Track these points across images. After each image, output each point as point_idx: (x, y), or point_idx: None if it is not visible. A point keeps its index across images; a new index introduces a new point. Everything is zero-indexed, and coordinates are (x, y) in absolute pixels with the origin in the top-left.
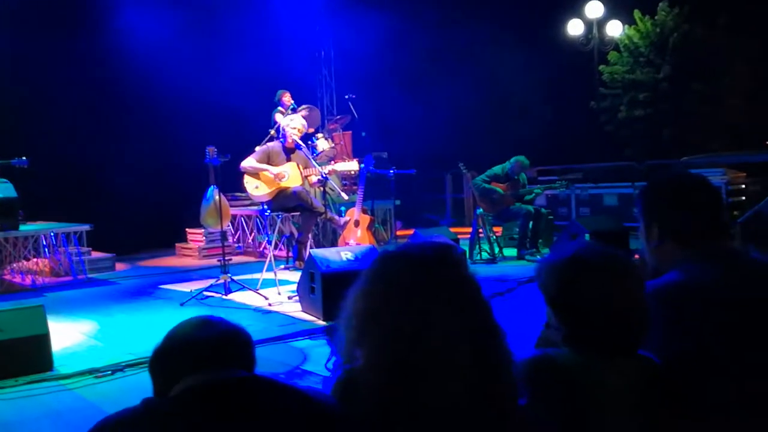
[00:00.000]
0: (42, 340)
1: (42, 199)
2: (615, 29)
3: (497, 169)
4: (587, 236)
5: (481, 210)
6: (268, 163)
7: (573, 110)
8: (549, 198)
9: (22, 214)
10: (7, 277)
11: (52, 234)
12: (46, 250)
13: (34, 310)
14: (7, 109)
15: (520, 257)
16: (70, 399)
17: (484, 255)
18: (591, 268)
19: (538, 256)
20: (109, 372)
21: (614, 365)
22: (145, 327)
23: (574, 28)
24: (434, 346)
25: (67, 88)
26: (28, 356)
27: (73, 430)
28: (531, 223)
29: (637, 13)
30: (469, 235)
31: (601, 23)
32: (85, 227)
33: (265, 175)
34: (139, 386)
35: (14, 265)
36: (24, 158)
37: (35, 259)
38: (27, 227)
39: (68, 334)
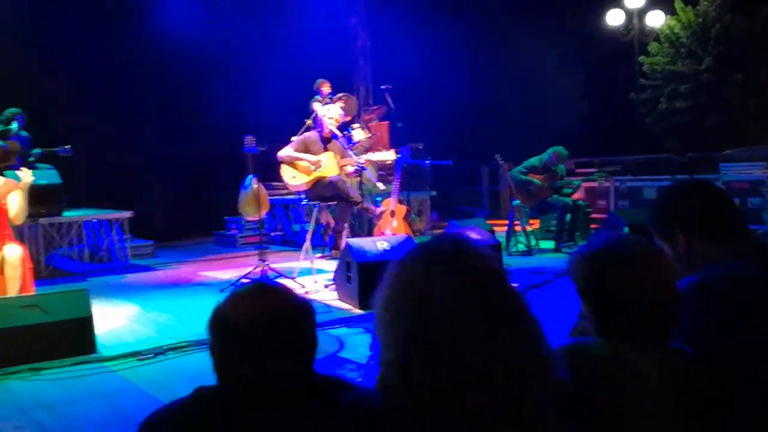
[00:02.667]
0: (86, 323)
1: (85, 186)
2: (656, 19)
3: (534, 160)
4: (626, 229)
5: (517, 202)
6: (306, 153)
7: (612, 101)
8: (587, 190)
9: (66, 201)
10: (52, 261)
11: (95, 220)
12: (89, 236)
13: (79, 294)
14: (52, 99)
15: (557, 250)
16: (114, 380)
17: (521, 247)
18: (620, 258)
19: (576, 249)
20: (152, 355)
21: (645, 355)
22: (185, 312)
23: (614, 18)
24: (464, 344)
25: (110, 77)
26: (73, 339)
27: (118, 410)
28: (569, 215)
29: (678, 3)
30: (505, 227)
31: (642, 13)
32: (127, 214)
33: (302, 165)
34: (180, 369)
35: (58, 250)
36: (68, 146)
37: (78, 245)
38: (71, 213)
39: (111, 318)
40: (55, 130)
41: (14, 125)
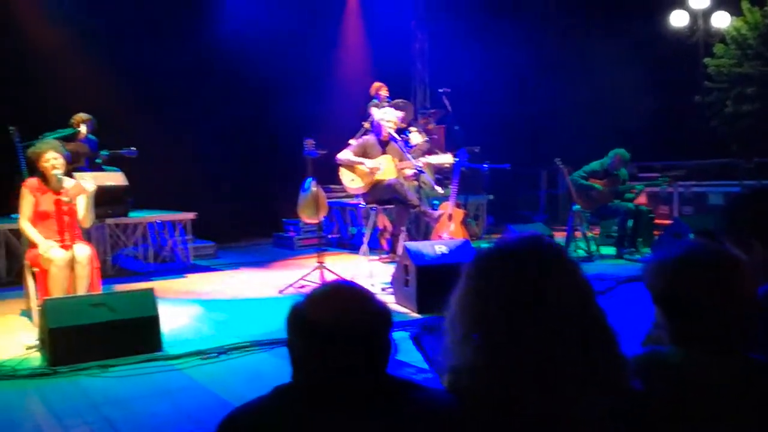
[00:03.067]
0: (152, 322)
1: (149, 188)
2: (722, 20)
3: (596, 164)
4: (691, 236)
5: (578, 207)
6: (364, 156)
7: (676, 104)
8: (649, 195)
9: (131, 202)
10: (117, 261)
11: (159, 221)
12: (153, 236)
13: (145, 293)
14: (118, 102)
15: (618, 256)
16: (179, 378)
17: (581, 253)
18: (699, 266)
19: (638, 256)
20: (215, 354)
21: (722, 364)
22: (246, 312)
23: (678, 19)
24: (541, 340)
25: (175, 81)
26: (139, 337)
27: (182, 407)
28: (631, 221)
29: (745, 4)
30: (563, 233)
31: (707, 14)
32: (190, 215)
33: (360, 168)
34: (242, 368)
35: (124, 250)
36: (133, 148)
37: (143, 245)
38: (136, 214)
39: (175, 317)
40: (122, 133)
41: (83, 128)
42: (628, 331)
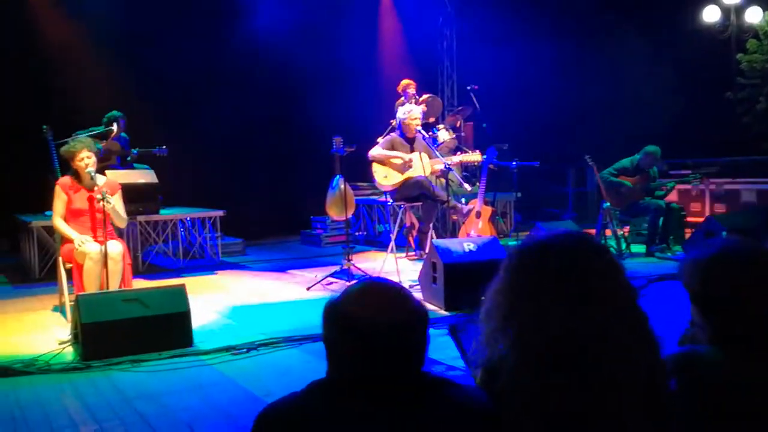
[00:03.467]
0: (183, 318)
1: (179, 186)
2: (755, 15)
3: (626, 161)
4: (723, 234)
5: (607, 204)
6: None
7: (708, 101)
8: (680, 193)
9: (162, 199)
10: (148, 257)
11: (188, 219)
12: (183, 233)
13: (177, 290)
14: (149, 101)
15: (649, 254)
16: (210, 373)
17: (609, 252)
18: (737, 264)
19: (669, 254)
20: (245, 350)
21: (761, 363)
22: (275, 308)
23: (710, 15)
24: (581, 335)
25: (204, 80)
26: (171, 332)
27: (213, 402)
28: (661, 218)
29: None
30: (592, 231)
31: (740, 10)
32: (219, 213)
33: (394, 162)
34: (272, 364)
35: (154, 246)
36: (164, 147)
37: (173, 242)
38: (166, 211)
39: (204, 313)
40: (152, 131)
41: (115, 127)
42: (660, 330)
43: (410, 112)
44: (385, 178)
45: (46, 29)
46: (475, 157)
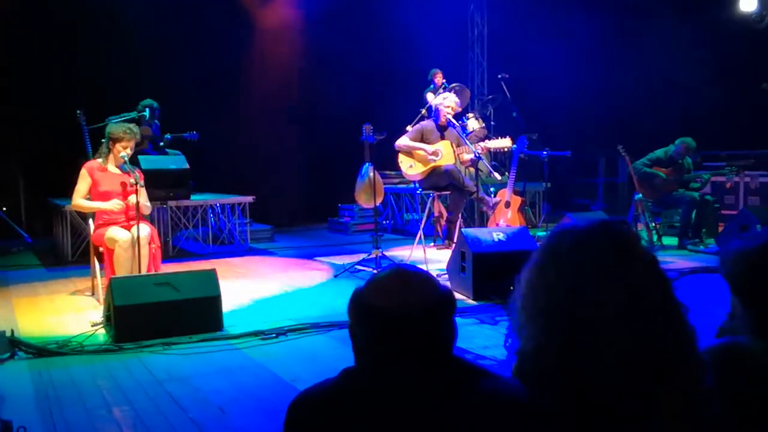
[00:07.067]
0: (214, 302)
1: (210, 172)
2: None
3: (659, 152)
4: (758, 227)
5: (640, 195)
6: (422, 142)
7: (743, 91)
8: (714, 185)
9: (192, 185)
10: (178, 242)
11: (218, 204)
12: (213, 219)
13: (208, 274)
14: (181, 87)
15: (681, 246)
16: (239, 358)
17: (642, 243)
18: None
19: (701, 247)
20: (274, 335)
21: None
22: (303, 295)
23: (748, 3)
24: (604, 326)
25: (235, 67)
26: (202, 316)
27: (242, 385)
28: (694, 211)
29: None
30: None
31: None
32: (249, 199)
33: (419, 154)
34: (300, 349)
35: (184, 231)
36: (194, 132)
37: (203, 227)
38: (197, 197)
39: (234, 298)
40: (183, 117)
41: (147, 113)
42: (694, 323)
43: (446, 98)
44: (411, 168)
45: (82, 18)
46: (505, 143)
